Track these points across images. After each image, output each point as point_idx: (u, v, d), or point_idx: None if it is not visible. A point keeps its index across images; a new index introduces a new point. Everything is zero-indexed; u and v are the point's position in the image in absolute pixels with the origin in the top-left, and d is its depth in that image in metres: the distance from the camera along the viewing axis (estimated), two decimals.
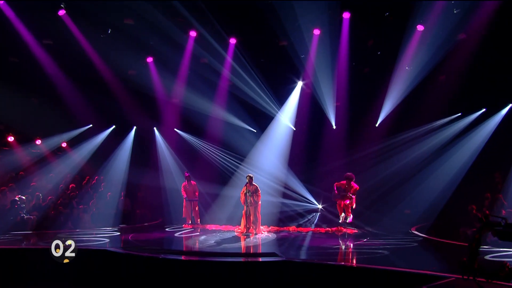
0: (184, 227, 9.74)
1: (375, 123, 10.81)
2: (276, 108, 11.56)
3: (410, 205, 9.78)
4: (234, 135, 11.95)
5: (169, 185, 11.81)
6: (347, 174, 8.12)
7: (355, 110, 10.96)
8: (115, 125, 12.38)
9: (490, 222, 3.83)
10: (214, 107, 11.74)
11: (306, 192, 11.40)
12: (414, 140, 10.40)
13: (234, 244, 7.32)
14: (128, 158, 12.02)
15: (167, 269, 5.37)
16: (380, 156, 10.67)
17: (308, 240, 7.88)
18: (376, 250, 6.55)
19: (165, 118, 12.48)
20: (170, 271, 5.35)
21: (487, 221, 3.83)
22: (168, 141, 12.58)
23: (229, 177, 11.74)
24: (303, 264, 5.35)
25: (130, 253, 5.95)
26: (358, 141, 11.06)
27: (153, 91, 11.73)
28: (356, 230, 8.64)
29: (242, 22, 9.99)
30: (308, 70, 10.83)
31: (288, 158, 11.58)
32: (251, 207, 8.45)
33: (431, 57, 9.26)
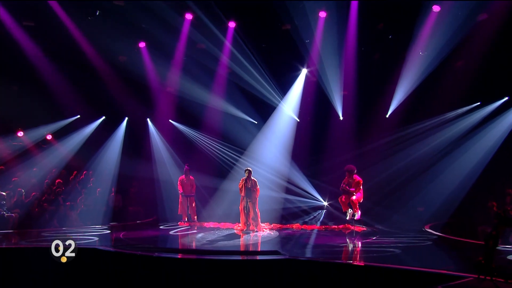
0: (180, 225, 9.75)
1: (386, 113, 10.75)
2: (278, 97, 11.53)
3: (423, 201, 9.79)
4: (233, 126, 11.95)
5: (163, 180, 11.85)
6: (347, 167, 8.07)
7: (363, 100, 10.87)
8: (105, 115, 12.35)
9: (508, 219, 3.75)
10: (212, 97, 11.71)
11: (311, 187, 11.41)
12: (428, 131, 10.34)
13: (234, 242, 7.33)
14: (119, 151, 12.01)
15: (162, 268, 5.39)
16: (391, 149, 10.61)
17: (313, 238, 7.90)
18: (386, 248, 6.54)
19: (159, 108, 12.44)
20: (166, 270, 5.37)
21: (505, 217, 3.74)
22: (163, 133, 12.57)
23: (228, 171, 11.77)
24: (308, 263, 5.35)
25: (122, 251, 5.97)
26: (367, 133, 11.01)
27: (146, 79, 11.66)
28: (365, 227, 8.63)
29: (242, 4, 9.89)
30: (313, 56, 10.77)
31: (291, 151, 11.56)
32: (250, 202, 8.47)
33: (448, 40, 9.12)
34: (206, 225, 9.63)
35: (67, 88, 11.11)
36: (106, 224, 9.75)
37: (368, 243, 7.21)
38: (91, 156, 11.63)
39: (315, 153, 11.63)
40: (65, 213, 9.69)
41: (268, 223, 9.27)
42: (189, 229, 9.19)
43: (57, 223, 9.32)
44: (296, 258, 5.48)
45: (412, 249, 6.64)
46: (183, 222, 9.90)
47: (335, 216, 10.17)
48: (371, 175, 9.83)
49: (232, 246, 6.98)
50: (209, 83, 11.54)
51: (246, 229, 8.42)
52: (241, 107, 11.82)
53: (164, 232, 8.88)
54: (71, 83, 11.12)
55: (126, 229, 9.01)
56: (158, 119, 12.63)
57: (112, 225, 9.76)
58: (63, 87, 11.05)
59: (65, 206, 9.86)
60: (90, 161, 11.53)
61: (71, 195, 10.16)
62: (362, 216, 8.32)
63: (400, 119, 10.59)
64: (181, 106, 12.17)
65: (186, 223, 9.83)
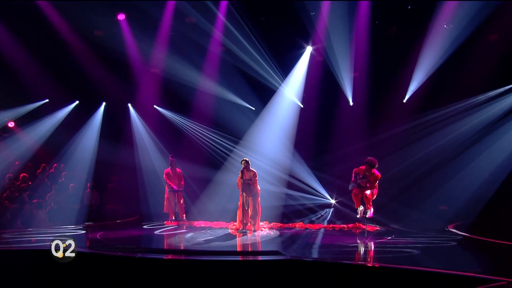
0: (166, 224, 9.76)
1: (403, 97, 10.69)
2: (279, 79, 11.53)
3: (445, 198, 9.77)
4: (227, 112, 11.94)
5: (147, 174, 11.95)
6: (369, 159, 8.05)
7: (377, 82, 10.82)
8: (78, 100, 12.32)
9: None
10: (203, 78, 11.67)
11: (317, 182, 11.48)
12: (452, 118, 10.29)
13: (228, 242, 7.36)
14: (95, 141, 11.99)
15: (146, 270, 5.39)
16: (408, 138, 10.59)
17: (318, 238, 7.91)
18: (403, 249, 6.51)
19: (142, 92, 12.42)
20: (150, 272, 5.38)
21: None
22: (146, 120, 12.62)
23: (221, 163, 11.86)
24: (312, 264, 5.31)
25: (99, 252, 5.97)
26: (381, 120, 11.00)
27: (126, 58, 11.57)
28: (378, 227, 8.63)
29: None
30: (319, 31, 10.67)
31: (293, 141, 11.60)
32: (249, 198, 8.47)
33: (478, 10, 8.92)
34: (196, 224, 9.66)
35: (33, 67, 10.96)
36: (80, 224, 9.71)
37: (382, 243, 7.19)
38: (63, 147, 11.58)
39: (321, 143, 11.64)
40: (31, 212, 9.58)
41: (267, 221, 9.30)
42: (177, 228, 9.21)
43: (21, 223, 9.24)
44: (299, 259, 5.48)
45: (433, 250, 6.60)
46: (170, 221, 9.91)
47: (344, 214, 10.20)
48: (385, 168, 9.29)
49: (226, 246, 7.00)
50: (199, 62, 11.48)
51: (242, 228, 8.42)
52: (236, 91, 11.80)
53: (148, 232, 8.87)
54: (38, 61, 10.99)
55: (104, 229, 8.97)
56: (141, 104, 12.61)
57: (87, 225, 9.73)
58: (29, 66, 10.91)
59: (31, 204, 9.75)
60: (61, 153, 11.46)
61: (39, 191, 10.05)
62: (375, 214, 8.29)
63: (419, 104, 10.53)
64: (168, 89, 12.12)
65: (173, 222, 9.84)
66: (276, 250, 6.05)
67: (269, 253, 6.08)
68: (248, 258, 6.04)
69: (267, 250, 6.50)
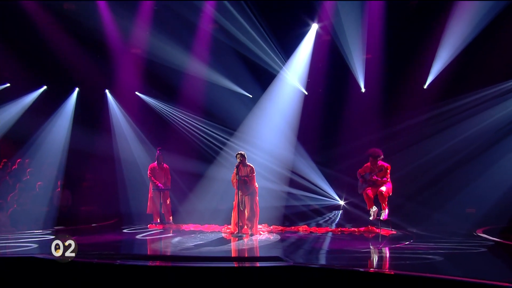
0: (150, 228, 9.81)
1: (423, 83, 10.66)
2: (280, 62, 11.50)
3: (472, 198, 9.73)
4: (220, 100, 11.94)
5: (128, 170, 12.03)
6: (371, 151, 8.26)
7: (394, 65, 10.75)
8: (46, 85, 12.24)
9: None
10: (192, 61, 11.64)
11: (323, 180, 11.53)
12: (480, 106, 10.23)
13: (221, 247, 7.42)
14: (67, 133, 11.97)
15: (127, 278, 5.40)
16: (429, 130, 10.57)
17: (325, 243, 7.97)
18: (423, 255, 6.53)
19: (122, 76, 12.37)
20: (131, 280, 5.39)
21: None
22: (127, 109, 12.61)
23: (214, 158, 12.00)
24: (318, 271, 5.29)
25: None
26: (397, 109, 10.96)
27: (103, 36, 11.46)
28: (394, 231, 8.64)
29: None
30: (326, 6, 10.64)
31: (297, 133, 11.65)
32: (245, 197, 8.56)
33: None
34: (184, 227, 9.72)
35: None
36: (48, 229, 9.67)
37: (398, 248, 7.19)
38: (28, 140, 11.55)
39: (328, 135, 11.65)
40: None
41: (266, 224, 9.35)
42: (162, 232, 9.26)
43: None
44: (302, 265, 5.49)
45: (460, 256, 6.60)
46: (154, 224, 9.93)
47: (355, 216, 10.29)
48: (402, 163, 9.85)
49: (219, 251, 7.05)
50: (188, 42, 11.43)
51: (238, 232, 8.46)
52: (231, 75, 11.80)
53: (129, 236, 8.89)
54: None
55: (76, 234, 8.96)
56: (121, 91, 12.56)
57: (57, 230, 9.69)
58: None
59: None
60: (26, 146, 11.42)
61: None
62: (390, 216, 8.34)
63: (442, 91, 10.48)
64: (151, 73, 12.09)
65: (158, 225, 9.87)
66: (276, 256, 6.06)
67: (268, 259, 6.11)
68: (244, 265, 6.06)
69: (266, 256, 6.55)
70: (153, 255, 7.00)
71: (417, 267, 5.75)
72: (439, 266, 5.78)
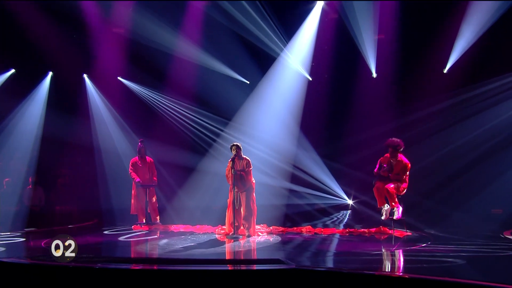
0: (134, 229, 9.83)
1: (443, 66, 10.63)
2: (281, 44, 11.46)
3: (498, 196, 9.68)
4: (213, 86, 11.94)
5: (109, 164, 12.04)
6: (390, 141, 8.14)
7: (409, 47, 10.73)
8: (14, 68, 12.10)
9: None
10: (182, 42, 11.60)
11: (329, 175, 11.56)
12: (506, 93, 10.20)
13: (214, 249, 7.43)
14: (39, 123, 11.92)
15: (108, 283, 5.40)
16: (449, 119, 10.60)
17: (332, 245, 8.04)
18: (442, 258, 6.56)
19: (102, 58, 12.28)
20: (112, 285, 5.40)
21: None
22: (108, 96, 12.59)
23: (205, 150, 12.06)
24: (324, 275, 5.32)
25: (43, 263, 5.94)
26: (413, 96, 10.95)
27: (80, 13, 11.36)
28: (409, 232, 8.66)
29: None
30: None
31: (300, 122, 11.68)
32: (241, 193, 8.57)
33: None
34: (173, 228, 9.75)
35: None
36: (18, 231, 9.63)
37: (414, 251, 7.20)
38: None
39: (335, 126, 11.67)
40: None
41: (265, 224, 9.37)
42: (148, 234, 9.30)
43: None
44: (306, 268, 5.47)
45: (484, 260, 6.60)
46: (139, 225, 9.96)
47: (365, 216, 10.39)
48: (418, 156, 9.87)
49: (212, 254, 7.05)
50: (177, 20, 11.40)
51: (233, 233, 8.47)
52: (225, 58, 11.77)
53: (110, 238, 8.89)
54: None
55: (51, 236, 8.79)
56: (101, 75, 12.51)
57: (28, 232, 9.66)
58: None
59: None
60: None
61: None
62: (405, 215, 8.31)
63: (464, 75, 10.43)
64: (136, 56, 12.04)
65: (143, 226, 9.89)
66: (276, 258, 6.04)
67: (267, 261, 6.11)
68: (239, 268, 6.04)
69: (265, 258, 6.54)
70: (137, 257, 7.01)
71: (435, 270, 5.74)
72: (460, 270, 5.79)
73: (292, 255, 6.90)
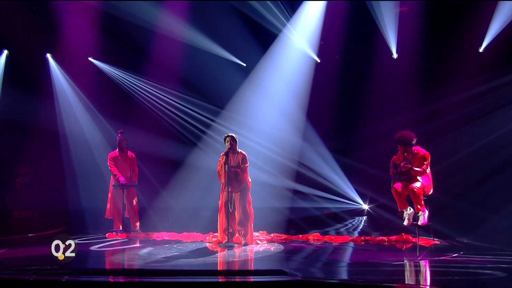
0: (109, 237, 9.89)
1: (478, 45, 10.68)
2: (284, 19, 11.52)
3: None
4: (204, 69, 12.08)
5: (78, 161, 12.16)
6: (399, 135, 8.33)
7: (436, 22, 10.78)
8: None
9: None
10: (165, 16, 11.66)
11: (341, 173, 11.66)
12: None
13: (204, 259, 7.47)
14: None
15: None
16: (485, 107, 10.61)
17: (345, 255, 8.15)
18: (478, 270, 6.59)
19: (69, 35, 12.25)
20: None
21: None
22: (76, 80, 12.61)
23: (193, 143, 12.23)
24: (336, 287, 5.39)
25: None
26: (441, 80, 11.02)
27: None
28: (437, 240, 8.64)
29: None
30: None
31: (306, 112, 11.76)
32: (235, 193, 8.60)
33: None
34: (155, 236, 9.85)
35: None
36: None
37: (444, 261, 7.20)
38: None
39: (348, 115, 11.78)
40: None
41: (265, 231, 9.45)
42: (126, 242, 9.37)
43: None
44: (314, 280, 5.56)
45: None
46: (115, 232, 10.04)
47: (383, 223, 10.57)
48: (447, 150, 9.95)
49: (202, 264, 7.08)
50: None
51: (227, 241, 8.50)
52: (218, 36, 11.84)
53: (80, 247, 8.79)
54: None
55: (7, 246, 9.08)
56: (68, 55, 12.46)
57: None
58: None
59: None
60: None
61: None
62: (432, 221, 8.37)
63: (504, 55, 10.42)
64: (110, 32, 12.07)
65: (120, 234, 9.98)
66: (279, 269, 6.08)
67: (268, 272, 6.13)
68: (233, 279, 6.06)
69: (265, 269, 6.56)
70: (113, 269, 7.07)
71: (470, 283, 5.77)
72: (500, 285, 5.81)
73: (297, 265, 6.96)
